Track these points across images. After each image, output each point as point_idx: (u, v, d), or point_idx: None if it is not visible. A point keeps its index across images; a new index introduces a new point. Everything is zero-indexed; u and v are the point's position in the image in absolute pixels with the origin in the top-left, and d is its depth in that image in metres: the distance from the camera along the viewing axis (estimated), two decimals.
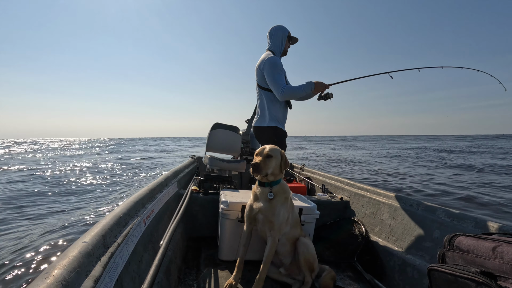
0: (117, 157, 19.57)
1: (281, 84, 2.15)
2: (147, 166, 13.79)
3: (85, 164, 14.17)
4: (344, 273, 1.82)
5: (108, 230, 0.95)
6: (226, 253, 1.81)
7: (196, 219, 2.23)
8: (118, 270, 0.91)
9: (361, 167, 12.46)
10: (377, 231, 2.03)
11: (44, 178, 9.20)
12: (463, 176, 9.39)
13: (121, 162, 15.55)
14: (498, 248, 0.88)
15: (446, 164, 13.27)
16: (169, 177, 2.23)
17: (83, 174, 10.39)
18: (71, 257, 0.72)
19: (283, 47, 2.35)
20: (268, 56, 2.22)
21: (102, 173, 10.76)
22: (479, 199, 5.92)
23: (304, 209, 1.84)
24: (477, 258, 0.93)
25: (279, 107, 2.32)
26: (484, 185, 7.58)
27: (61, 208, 5.26)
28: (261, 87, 2.30)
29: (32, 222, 4.33)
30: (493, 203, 5.57)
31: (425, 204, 1.75)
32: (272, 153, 1.52)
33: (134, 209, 1.27)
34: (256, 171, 1.48)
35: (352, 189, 2.49)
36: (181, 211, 1.63)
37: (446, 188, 7.15)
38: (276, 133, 2.30)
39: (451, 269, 0.95)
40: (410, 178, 9.14)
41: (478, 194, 6.33)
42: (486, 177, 9.24)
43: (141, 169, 12.28)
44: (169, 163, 15.08)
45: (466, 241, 0.99)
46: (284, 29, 2.33)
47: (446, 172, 10.62)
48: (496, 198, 5.98)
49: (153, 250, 1.37)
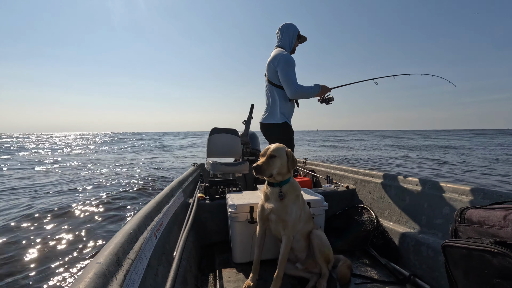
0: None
1: (294, 83, 2.15)
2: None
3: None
4: (360, 260, 1.82)
5: (120, 248, 0.95)
6: (240, 256, 1.81)
7: (206, 225, 2.23)
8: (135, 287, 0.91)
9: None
10: (386, 214, 2.03)
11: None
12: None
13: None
14: (509, 216, 0.89)
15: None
16: (174, 187, 2.23)
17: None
18: (87, 279, 0.72)
19: (293, 44, 2.34)
20: (283, 53, 2.20)
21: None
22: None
23: (312, 202, 1.84)
24: (490, 229, 0.93)
25: (290, 105, 2.32)
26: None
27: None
28: (273, 84, 2.27)
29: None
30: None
31: (431, 182, 1.75)
32: (276, 153, 1.49)
33: (143, 223, 1.27)
34: (259, 173, 1.46)
35: (357, 176, 2.49)
36: (190, 219, 1.63)
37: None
38: (286, 131, 2.29)
39: (465, 242, 0.95)
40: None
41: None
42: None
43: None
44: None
45: (477, 213, 0.99)
46: (295, 27, 2.32)
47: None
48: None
49: (167, 262, 1.37)
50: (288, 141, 2.31)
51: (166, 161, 14.14)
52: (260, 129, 2.49)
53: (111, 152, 20.97)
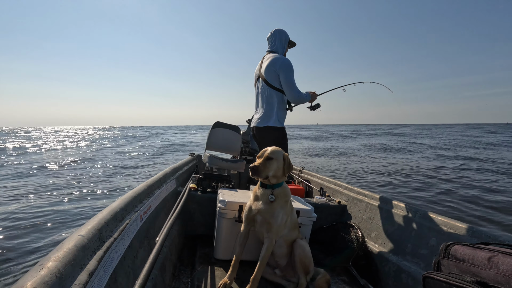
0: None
1: (297, 88, 2.21)
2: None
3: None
4: (339, 277, 1.81)
5: (104, 225, 0.95)
6: (221, 252, 1.81)
7: (193, 217, 2.23)
8: (113, 265, 0.91)
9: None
10: (373, 236, 2.03)
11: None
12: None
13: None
14: (494, 259, 0.88)
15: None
16: (168, 174, 2.23)
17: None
18: (66, 249, 0.72)
19: (284, 50, 2.37)
20: (283, 58, 2.23)
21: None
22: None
23: (302, 211, 1.84)
24: (473, 268, 0.93)
25: (285, 109, 2.34)
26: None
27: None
28: (272, 87, 2.27)
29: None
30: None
31: (423, 211, 1.75)
32: (274, 156, 1.50)
33: (131, 204, 1.27)
34: (255, 174, 1.47)
35: (350, 193, 2.48)
36: (179, 208, 1.63)
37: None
38: (282, 136, 2.30)
39: (445, 277, 0.95)
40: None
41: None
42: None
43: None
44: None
45: (462, 250, 0.99)
46: (286, 33, 2.37)
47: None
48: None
49: (148, 246, 1.37)
50: (285, 145, 2.31)
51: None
52: (252, 133, 2.47)
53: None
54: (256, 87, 2.43)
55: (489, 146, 19.31)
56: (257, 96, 2.42)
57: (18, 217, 4.27)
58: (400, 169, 10.11)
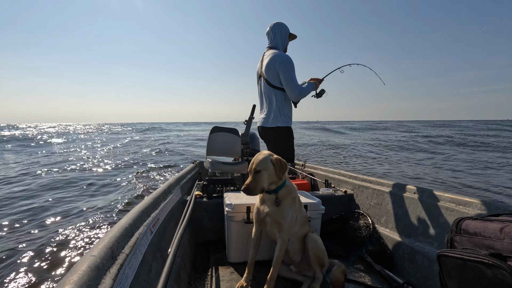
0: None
1: (298, 85, 2.15)
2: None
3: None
4: (354, 266, 1.81)
5: (115, 242, 0.95)
6: (234, 255, 1.81)
7: (202, 223, 2.23)
8: (128, 281, 0.91)
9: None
10: (383, 221, 2.03)
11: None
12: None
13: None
14: (506, 229, 0.88)
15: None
16: (172, 184, 2.23)
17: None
18: (80, 271, 0.72)
19: (285, 44, 2.30)
20: (282, 54, 2.17)
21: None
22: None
23: (309, 205, 1.84)
24: (485, 240, 0.93)
25: (290, 106, 2.30)
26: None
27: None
28: (273, 86, 2.23)
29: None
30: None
31: (429, 191, 1.75)
32: (261, 167, 1.41)
33: (139, 219, 1.27)
34: (250, 194, 1.39)
35: (355, 181, 2.49)
36: (187, 217, 1.63)
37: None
38: (289, 135, 2.27)
39: (460, 253, 0.95)
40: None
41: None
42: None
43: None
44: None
45: (473, 224, 0.99)
46: (286, 26, 2.28)
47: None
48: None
49: (161, 258, 1.37)
50: (291, 146, 2.30)
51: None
52: (259, 132, 2.44)
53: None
54: (259, 85, 2.39)
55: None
56: (260, 95, 2.39)
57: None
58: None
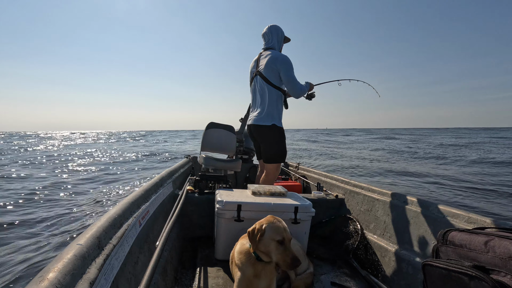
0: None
1: (299, 83, 2.20)
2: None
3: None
4: (340, 270, 1.83)
5: (103, 232, 0.94)
6: (222, 253, 1.81)
7: (192, 219, 2.22)
8: (113, 272, 0.90)
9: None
10: (372, 227, 2.05)
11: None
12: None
13: None
14: (490, 242, 0.90)
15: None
16: (164, 177, 2.21)
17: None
18: (66, 259, 0.71)
19: (281, 46, 2.35)
20: (281, 54, 2.22)
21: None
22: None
23: (300, 207, 1.85)
24: (470, 253, 0.95)
25: (282, 107, 2.33)
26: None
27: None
28: (273, 85, 2.24)
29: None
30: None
31: (419, 200, 1.77)
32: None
33: (129, 210, 1.25)
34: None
35: (347, 186, 2.51)
36: (177, 211, 1.62)
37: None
38: (282, 133, 2.29)
39: (444, 263, 0.97)
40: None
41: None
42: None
43: None
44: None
45: (460, 236, 1.01)
46: (281, 29, 2.35)
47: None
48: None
49: (149, 251, 1.36)
50: (283, 145, 2.30)
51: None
52: (250, 130, 2.40)
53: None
54: (253, 84, 2.38)
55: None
56: (254, 93, 2.37)
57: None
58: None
